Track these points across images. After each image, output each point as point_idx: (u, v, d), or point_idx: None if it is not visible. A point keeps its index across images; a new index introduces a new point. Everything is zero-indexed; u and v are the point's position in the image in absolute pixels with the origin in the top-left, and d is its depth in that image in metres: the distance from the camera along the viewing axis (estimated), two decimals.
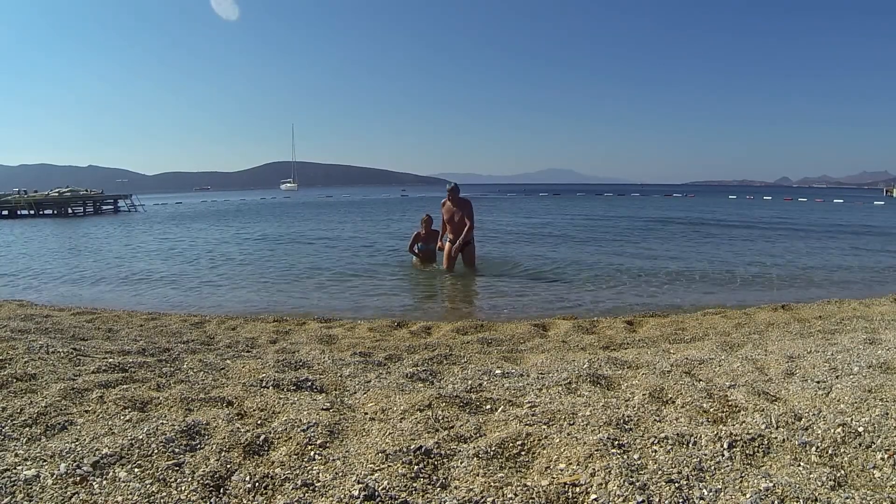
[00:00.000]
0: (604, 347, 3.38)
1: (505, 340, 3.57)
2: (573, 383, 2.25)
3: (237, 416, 1.91)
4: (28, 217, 28.10)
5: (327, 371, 2.60)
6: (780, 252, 9.73)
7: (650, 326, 4.09)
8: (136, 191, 46.58)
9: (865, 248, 10.33)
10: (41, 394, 2.06)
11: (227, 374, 2.54)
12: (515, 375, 2.45)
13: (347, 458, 1.55)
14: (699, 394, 2.02)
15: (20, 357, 2.56)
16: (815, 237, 12.75)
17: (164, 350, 3.01)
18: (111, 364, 2.54)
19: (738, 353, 2.85)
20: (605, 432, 1.64)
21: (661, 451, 1.53)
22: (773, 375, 2.36)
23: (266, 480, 1.42)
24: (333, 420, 1.82)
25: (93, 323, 4.19)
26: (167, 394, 2.12)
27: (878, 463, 1.43)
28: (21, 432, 1.72)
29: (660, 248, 10.60)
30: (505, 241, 11.85)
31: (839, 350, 2.70)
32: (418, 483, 1.38)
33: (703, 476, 1.37)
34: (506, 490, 1.34)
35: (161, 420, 1.81)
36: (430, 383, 2.39)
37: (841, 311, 4.43)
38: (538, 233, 14.15)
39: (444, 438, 1.65)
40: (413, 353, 3.17)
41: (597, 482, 1.34)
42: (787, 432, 1.63)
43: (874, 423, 1.61)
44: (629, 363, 2.65)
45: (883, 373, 2.20)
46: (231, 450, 1.60)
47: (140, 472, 1.47)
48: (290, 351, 3.25)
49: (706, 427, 1.70)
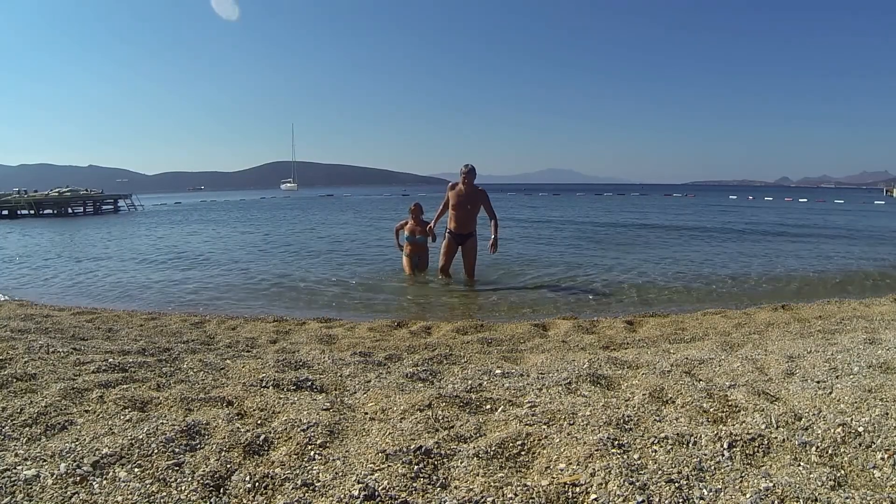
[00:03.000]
0: (604, 347, 3.38)
1: (505, 340, 3.57)
2: (573, 383, 2.25)
3: (237, 416, 1.91)
4: (28, 217, 28.10)
5: (327, 371, 2.60)
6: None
7: (650, 326, 4.09)
8: (136, 190, 46.59)
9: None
10: (41, 394, 2.06)
11: (227, 373, 2.54)
12: (515, 375, 2.45)
13: (347, 457, 1.55)
14: (699, 394, 2.02)
15: (20, 357, 2.56)
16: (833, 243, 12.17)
17: (164, 350, 3.01)
18: (111, 364, 2.54)
19: (738, 353, 2.85)
20: (605, 432, 1.64)
21: (661, 450, 1.53)
22: (773, 375, 2.36)
23: (266, 480, 1.42)
24: (333, 420, 1.82)
25: (93, 323, 4.19)
26: (167, 394, 2.12)
27: (878, 463, 1.43)
28: (21, 432, 1.72)
29: (660, 248, 10.60)
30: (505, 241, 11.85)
31: (839, 350, 2.70)
32: (418, 483, 1.38)
33: (703, 476, 1.37)
34: (506, 490, 1.34)
35: (161, 420, 1.81)
36: (430, 383, 2.39)
37: (841, 311, 4.43)
38: (537, 232, 14.14)
39: (444, 438, 1.65)
40: (413, 353, 3.17)
41: (597, 482, 1.34)
42: (787, 432, 1.63)
43: (874, 423, 1.61)
44: (629, 363, 2.65)
45: (883, 373, 2.20)
46: (231, 450, 1.60)
47: (140, 471, 1.47)
48: (290, 351, 3.25)
49: (706, 427, 1.70)
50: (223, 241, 13.27)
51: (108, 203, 34.73)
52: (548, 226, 16.69)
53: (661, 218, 20.37)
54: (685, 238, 12.65)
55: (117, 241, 13.80)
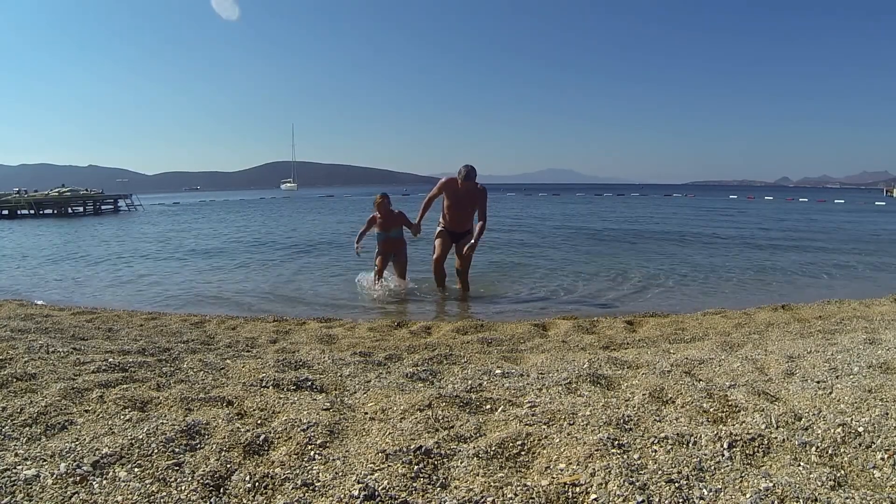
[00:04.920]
0: (604, 347, 3.38)
1: (505, 340, 3.57)
2: (573, 383, 2.25)
3: (237, 416, 1.91)
4: (28, 217, 28.10)
5: (327, 371, 2.59)
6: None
7: (650, 326, 4.09)
8: (136, 190, 46.60)
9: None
10: (41, 393, 2.06)
11: (227, 373, 2.54)
12: (515, 375, 2.45)
13: (347, 457, 1.55)
14: (699, 394, 2.01)
15: (20, 357, 2.56)
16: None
17: (164, 350, 3.01)
18: (111, 364, 2.54)
19: (738, 353, 2.84)
20: (605, 432, 1.64)
21: (661, 450, 1.53)
22: (773, 375, 2.36)
23: (266, 480, 1.42)
24: (333, 420, 1.82)
25: (93, 323, 4.18)
26: (167, 393, 2.11)
27: (878, 463, 1.43)
28: (21, 432, 1.72)
29: (660, 249, 10.59)
30: (505, 240, 11.85)
31: (839, 350, 2.70)
32: (418, 483, 1.38)
33: (703, 476, 1.37)
34: (506, 490, 1.33)
35: (161, 420, 1.80)
36: (430, 383, 2.39)
37: (841, 311, 4.43)
38: (538, 233, 14.14)
39: (444, 438, 1.65)
40: (413, 352, 3.16)
41: (597, 482, 1.34)
42: (787, 432, 1.63)
43: (874, 423, 1.61)
44: (629, 363, 2.65)
45: (883, 373, 2.20)
46: (231, 449, 1.60)
47: (140, 471, 1.47)
48: (290, 351, 3.25)
49: (706, 427, 1.70)
50: (223, 241, 13.28)
51: (108, 203, 34.74)
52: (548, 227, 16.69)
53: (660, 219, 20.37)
54: (686, 239, 12.65)
55: (117, 240, 13.80)
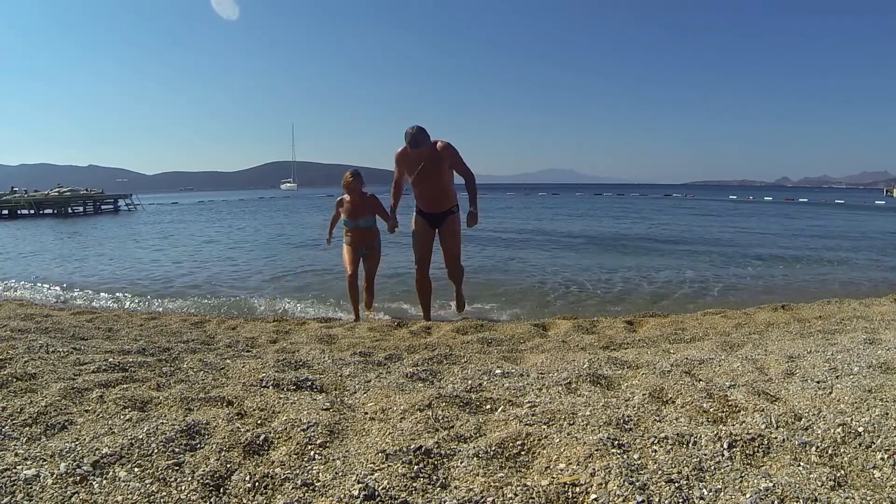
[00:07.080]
0: (604, 347, 3.38)
1: (505, 340, 3.57)
2: (573, 383, 2.24)
3: (237, 416, 1.91)
4: (28, 217, 28.10)
5: (327, 371, 2.59)
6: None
7: (650, 326, 4.09)
8: (136, 190, 46.63)
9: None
10: (41, 393, 2.06)
11: (227, 373, 2.54)
12: (515, 375, 2.45)
13: (347, 457, 1.55)
14: (699, 394, 2.01)
15: (20, 357, 2.56)
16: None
17: (164, 350, 3.01)
18: (111, 364, 2.54)
19: (738, 353, 2.84)
20: (605, 432, 1.64)
21: (661, 450, 1.53)
22: (773, 375, 2.36)
23: (266, 480, 1.42)
24: (333, 420, 1.82)
25: (93, 323, 4.19)
26: (167, 393, 2.11)
27: (878, 463, 1.43)
28: (21, 432, 1.72)
29: (660, 250, 10.59)
30: (504, 240, 11.85)
31: (839, 350, 2.70)
32: (418, 483, 1.38)
33: (703, 476, 1.37)
34: (506, 490, 1.33)
35: (161, 420, 1.80)
36: (430, 383, 2.39)
37: (841, 311, 4.43)
38: (537, 233, 14.14)
39: (444, 438, 1.65)
40: (413, 352, 3.16)
41: (597, 482, 1.34)
42: (787, 432, 1.62)
43: (874, 423, 1.61)
44: (629, 363, 2.64)
45: (883, 373, 2.20)
46: (231, 449, 1.60)
47: (140, 471, 1.46)
48: (290, 351, 3.25)
49: (706, 427, 1.69)
50: (224, 239, 13.27)
51: (108, 203, 34.77)
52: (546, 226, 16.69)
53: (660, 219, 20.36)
54: (686, 240, 12.65)
55: (118, 240, 13.79)
